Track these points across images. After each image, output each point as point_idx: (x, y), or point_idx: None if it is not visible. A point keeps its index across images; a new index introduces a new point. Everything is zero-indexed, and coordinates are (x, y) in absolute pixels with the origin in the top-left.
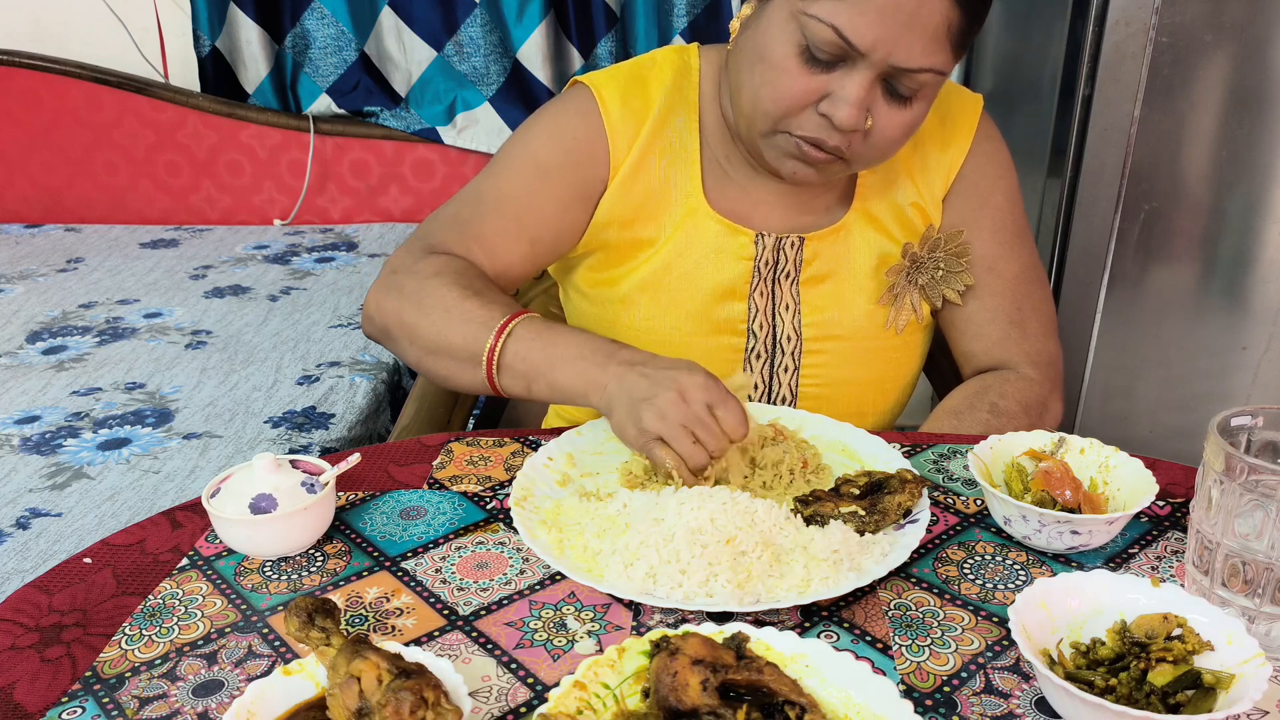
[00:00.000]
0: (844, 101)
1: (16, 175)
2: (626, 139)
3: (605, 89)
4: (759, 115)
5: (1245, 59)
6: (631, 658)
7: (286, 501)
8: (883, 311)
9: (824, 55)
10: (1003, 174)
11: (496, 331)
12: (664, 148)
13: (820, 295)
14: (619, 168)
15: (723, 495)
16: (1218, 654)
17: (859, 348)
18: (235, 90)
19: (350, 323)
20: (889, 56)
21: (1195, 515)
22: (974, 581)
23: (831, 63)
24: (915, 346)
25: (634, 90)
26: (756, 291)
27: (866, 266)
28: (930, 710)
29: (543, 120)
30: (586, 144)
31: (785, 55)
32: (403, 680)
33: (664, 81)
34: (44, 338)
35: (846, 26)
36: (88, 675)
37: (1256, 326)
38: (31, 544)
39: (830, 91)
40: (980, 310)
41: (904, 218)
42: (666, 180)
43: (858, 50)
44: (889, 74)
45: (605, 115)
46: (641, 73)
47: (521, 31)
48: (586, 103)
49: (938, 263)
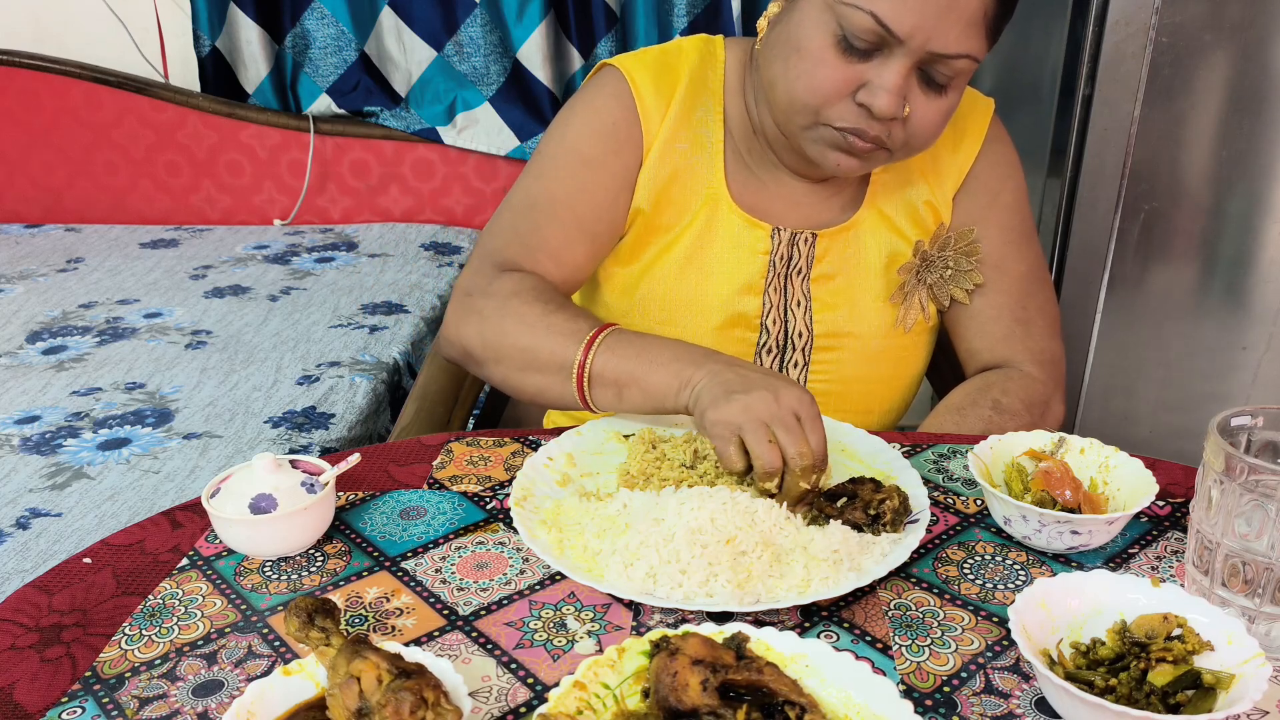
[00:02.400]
0: (882, 89)
1: (16, 175)
2: (658, 117)
3: (636, 71)
4: (796, 108)
5: (1245, 59)
6: (631, 658)
7: (286, 501)
8: (892, 310)
9: (861, 44)
10: (1011, 174)
11: (585, 344)
12: (689, 134)
13: (830, 293)
14: (651, 147)
15: (723, 495)
16: (1218, 654)
17: (868, 346)
18: (235, 90)
19: (350, 322)
20: (927, 43)
21: (1195, 515)
22: (974, 581)
23: (868, 51)
24: (922, 346)
25: (663, 73)
26: (771, 287)
27: (877, 265)
28: (930, 710)
29: (578, 110)
30: (625, 126)
31: (822, 45)
32: (402, 680)
33: (690, 67)
34: (44, 338)
35: (886, 13)
36: (88, 675)
37: (1256, 326)
38: (31, 544)
39: (867, 80)
40: (986, 307)
41: (917, 215)
42: (690, 167)
43: (896, 37)
44: (925, 61)
45: (638, 96)
46: (669, 58)
47: (521, 31)
48: (619, 84)
49: (947, 261)
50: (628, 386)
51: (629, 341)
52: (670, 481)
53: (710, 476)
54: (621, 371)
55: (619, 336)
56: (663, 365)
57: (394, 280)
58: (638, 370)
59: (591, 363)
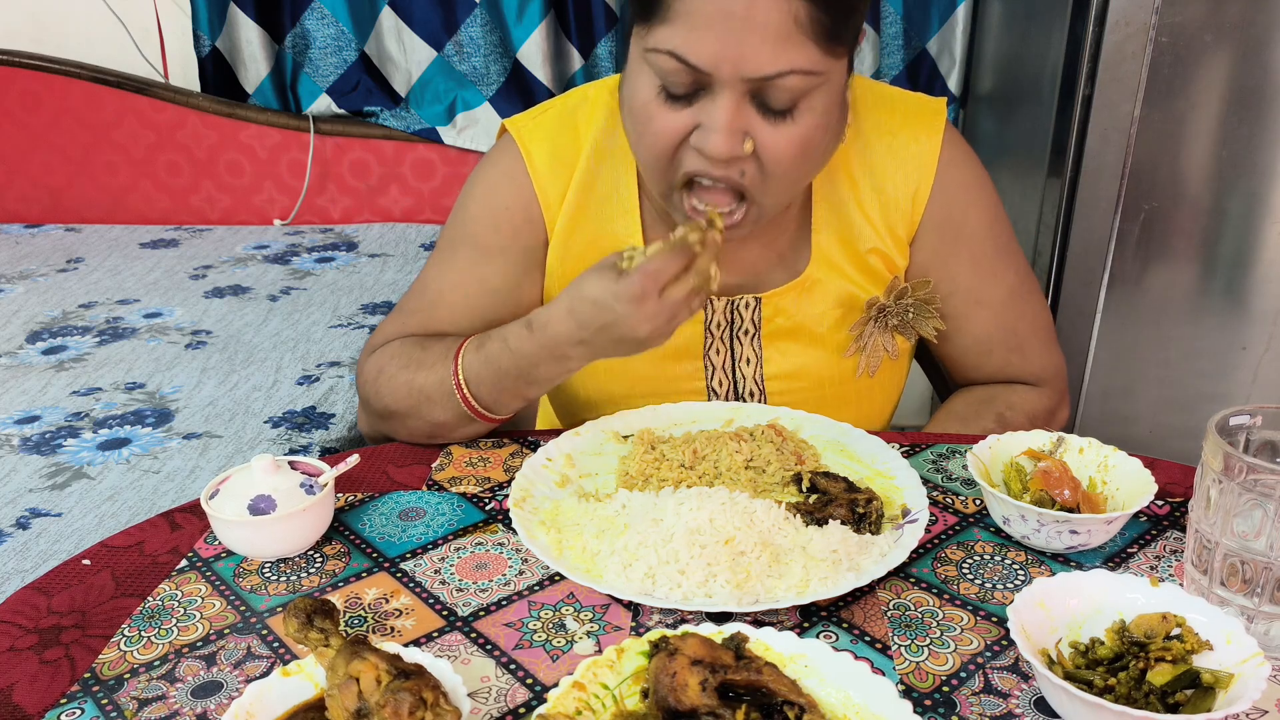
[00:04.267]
0: (711, 130)
1: (16, 175)
2: (558, 193)
3: (532, 141)
4: (647, 172)
5: (1245, 59)
6: (630, 658)
7: (285, 503)
8: (852, 360)
9: (679, 88)
10: (974, 198)
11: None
12: (598, 201)
13: (785, 349)
14: (554, 224)
15: (721, 496)
16: (1216, 653)
17: (829, 395)
18: (235, 90)
19: (350, 322)
20: (739, 69)
21: (1194, 515)
22: (973, 581)
23: (689, 95)
24: (892, 379)
25: (563, 138)
26: (712, 350)
27: (831, 317)
28: (929, 710)
29: (477, 190)
30: (520, 209)
31: (646, 100)
32: (402, 681)
33: (595, 124)
34: (44, 338)
35: (683, 48)
36: (86, 677)
37: (1256, 326)
38: (31, 544)
39: (699, 123)
40: (975, 345)
41: (866, 266)
42: (604, 233)
43: (703, 70)
44: (752, 89)
45: (533, 173)
46: (571, 115)
47: (521, 31)
48: (514, 163)
49: (905, 309)
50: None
51: (486, 336)
52: (669, 482)
53: (709, 477)
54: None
55: (472, 344)
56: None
57: (394, 280)
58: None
59: (463, 370)
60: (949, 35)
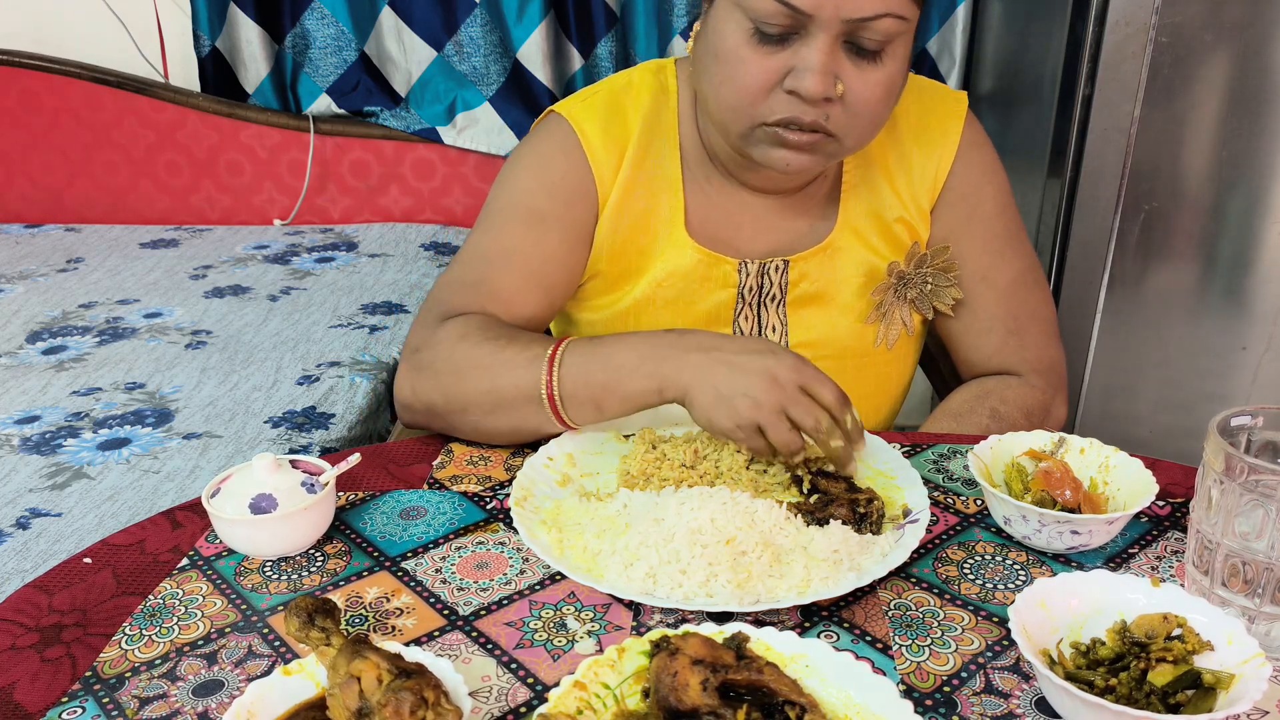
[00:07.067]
0: (806, 71)
1: (16, 175)
2: (611, 169)
3: (584, 120)
4: (729, 114)
5: (1245, 59)
6: (631, 658)
7: (286, 502)
8: (872, 329)
9: (775, 30)
10: (990, 180)
11: (546, 367)
12: (647, 178)
13: (808, 316)
14: (606, 199)
15: (723, 495)
16: (1218, 654)
17: (849, 365)
18: (235, 90)
19: (350, 322)
20: (838, 11)
21: (1195, 515)
22: (974, 581)
23: (785, 37)
24: (906, 357)
25: (613, 121)
26: (741, 316)
27: (854, 284)
28: (930, 710)
29: (526, 162)
30: (576, 180)
31: (738, 43)
32: (403, 680)
33: (641, 106)
34: (44, 338)
35: None
36: (88, 675)
37: (1256, 326)
38: (31, 544)
39: (792, 66)
40: (976, 322)
41: (890, 234)
42: (650, 210)
43: (803, 12)
44: (847, 31)
45: (587, 148)
46: (618, 99)
47: (521, 31)
48: (567, 137)
49: (925, 277)
50: (604, 399)
51: (590, 353)
52: (670, 481)
53: (710, 477)
54: (594, 385)
55: (577, 349)
56: (633, 369)
57: (394, 280)
58: (610, 381)
59: (559, 385)
60: (949, 35)
